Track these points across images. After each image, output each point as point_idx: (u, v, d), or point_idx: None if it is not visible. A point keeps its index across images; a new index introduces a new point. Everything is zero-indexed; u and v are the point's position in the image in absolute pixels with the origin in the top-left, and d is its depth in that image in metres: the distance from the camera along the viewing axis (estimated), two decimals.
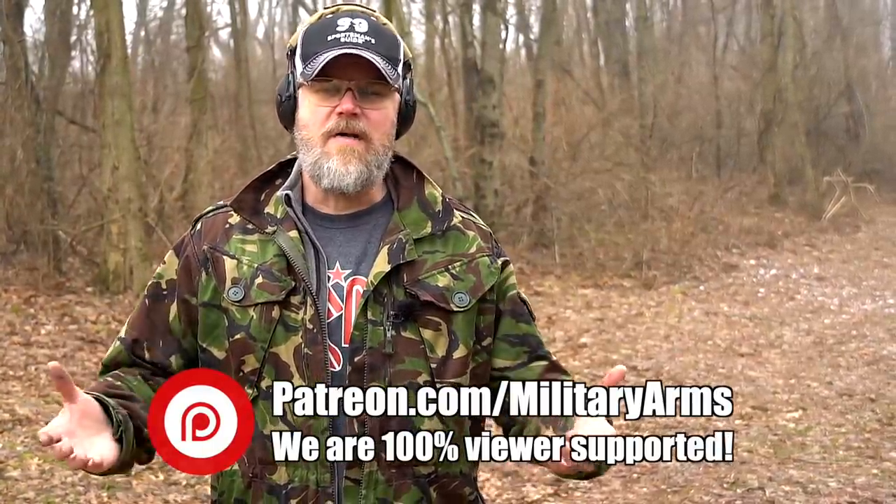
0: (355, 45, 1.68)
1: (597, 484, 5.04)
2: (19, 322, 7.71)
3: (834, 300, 10.54)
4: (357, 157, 1.71)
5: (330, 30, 1.71)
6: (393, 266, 1.71)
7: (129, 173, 8.63)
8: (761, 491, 4.94)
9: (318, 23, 1.75)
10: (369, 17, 1.75)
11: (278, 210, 1.77)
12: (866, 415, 6.30)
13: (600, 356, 7.85)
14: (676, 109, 19.12)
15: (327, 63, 1.67)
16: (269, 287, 1.72)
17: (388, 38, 1.73)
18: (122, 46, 8.80)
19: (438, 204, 1.80)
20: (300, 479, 1.69)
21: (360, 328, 1.70)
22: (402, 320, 1.71)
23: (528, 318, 1.84)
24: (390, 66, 1.70)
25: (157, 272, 1.85)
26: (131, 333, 1.83)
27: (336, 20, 1.72)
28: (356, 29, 1.70)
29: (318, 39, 1.71)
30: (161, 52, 17.00)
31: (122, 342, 1.83)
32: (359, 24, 1.71)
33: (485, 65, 12.23)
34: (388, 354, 1.69)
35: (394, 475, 1.70)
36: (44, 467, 5.00)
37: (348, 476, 1.69)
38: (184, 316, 1.79)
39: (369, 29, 1.71)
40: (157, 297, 1.83)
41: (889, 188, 20.98)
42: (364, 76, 1.70)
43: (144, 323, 1.83)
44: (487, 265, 1.79)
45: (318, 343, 1.69)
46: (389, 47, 1.72)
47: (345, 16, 1.73)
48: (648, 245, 12.02)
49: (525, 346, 1.82)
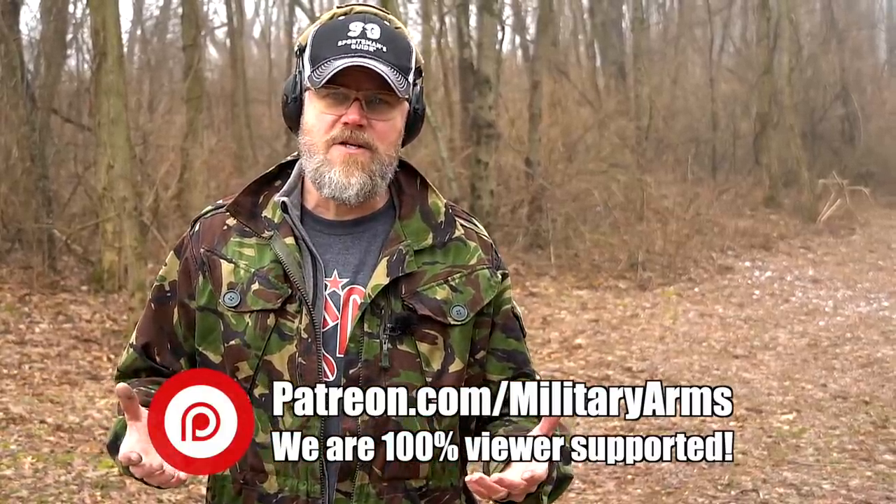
0: (366, 54, 1.64)
1: (591, 486, 5.05)
2: (13, 320, 7.69)
3: (828, 302, 10.55)
4: (360, 167, 1.67)
5: (341, 34, 1.67)
6: (391, 279, 1.69)
7: (125, 172, 8.60)
8: (755, 493, 4.95)
9: (329, 24, 1.71)
10: (382, 21, 1.70)
11: (276, 215, 1.74)
12: (860, 417, 6.31)
13: (595, 357, 7.85)
14: (672, 111, 19.16)
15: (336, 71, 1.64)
16: (265, 294, 1.69)
17: (400, 46, 1.69)
18: (117, 45, 8.77)
19: (441, 215, 1.77)
20: (291, 489, 1.68)
21: (355, 340, 1.67)
22: (398, 333, 1.69)
23: (519, 333, 1.82)
24: (400, 76, 1.66)
25: (160, 274, 1.83)
26: (141, 339, 1.81)
27: (348, 24, 1.68)
28: (368, 35, 1.66)
29: (328, 43, 1.67)
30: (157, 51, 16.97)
31: (135, 349, 1.81)
32: (371, 30, 1.67)
33: (481, 65, 12.22)
34: (385, 368, 1.67)
35: (385, 488, 1.68)
36: (37, 466, 4.99)
37: (339, 489, 1.67)
38: (184, 320, 1.78)
39: (381, 35, 1.67)
40: (161, 301, 1.81)
41: (884, 191, 21.02)
42: (372, 86, 1.66)
43: (152, 327, 1.81)
44: (487, 278, 1.76)
45: (313, 353, 1.67)
46: (400, 56, 1.68)
47: (357, 19, 1.69)
48: (644, 246, 12.02)
49: (511, 362, 1.80)
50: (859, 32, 26.43)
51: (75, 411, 5.92)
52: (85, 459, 5.10)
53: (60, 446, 5.31)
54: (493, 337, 1.78)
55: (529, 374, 1.81)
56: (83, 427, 5.63)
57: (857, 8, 28.71)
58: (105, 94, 8.58)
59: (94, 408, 5.99)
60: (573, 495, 4.93)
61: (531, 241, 12.34)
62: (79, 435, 5.49)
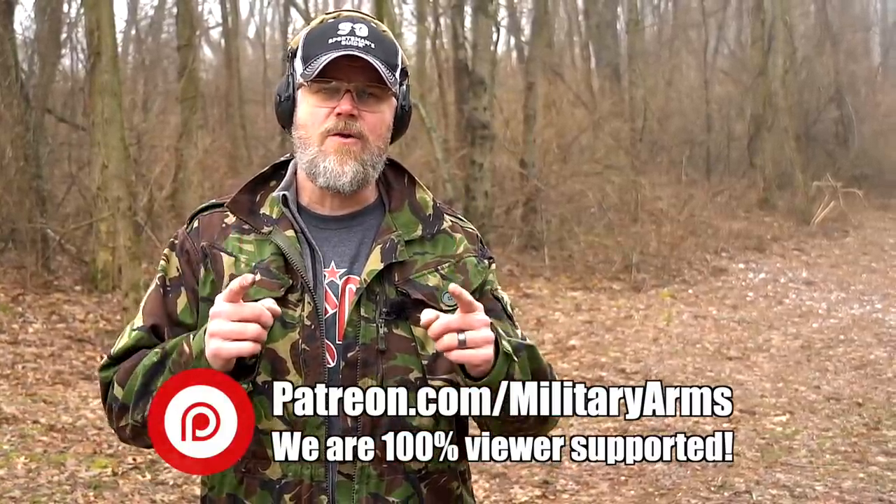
0: (356, 48, 1.73)
1: (584, 486, 5.05)
2: (7, 320, 7.68)
3: (822, 304, 10.57)
4: (353, 156, 1.75)
5: (331, 33, 1.75)
6: (385, 265, 1.75)
7: (119, 172, 8.59)
8: (748, 494, 4.95)
9: (319, 27, 1.79)
10: (370, 23, 1.79)
11: (274, 210, 1.80)
12: (853, 419, 6.32)
13: (589, 359, 7.86)
14: (667, 113, 19.17)
15: (327, 65, 1.71)
16: (268, 284, 1.73)
17: (387, 45, 1.77)
18: (112, 45, 8.76)
19: (429, 208, 1.85)
20: (294, 474, 1.71)
21: (353, 324, 1.73)
22: (393, 318, 1.74)
23: (501, 313, 1.85)
24: (389, 71, 1.75)
25: (161, 266, 1.85)
26: (149, 321, 1.81)
27: (338, 24, 1.77)
28: (357, 33, 1.75)
29: (319, 42, 1.75)
30: (152, 51, 16.94)
31: (143, 329, 1.80)
32: (359, 28, 1.76)
33: (476, 66, 12.23)
34: (381, 351, 1.72)
35: (385, 470, 1.73)
36: (30, 466, 4.98)
37: (341, 471, 1.71)
38: (193, 305, 1.79)
39: (370, 34, 1.76)
40: (165, 292, 1.82)
41: (878, 193, 21.07)
42: (363, 78, 1.74)
43: (161, 310, 1.81)
44: (475, 264, 1.83)
45: (316, 339, 1.71)
46: (388, 53, 1.76)
47: (346, 21, 1.77)
48: (638, 248, 12.04)
49: None
50: (854, 35, 26.48)
51: (68, 411, 5.91)
52: (78, 460, 5.09)
53: (53, 446, 5.29)
54: None
55: None
56: (76, 427, 5.62)
57: (851, 10, 28.77)
58: (99, 93, 8.57)
59: (88, 408, 5.98)
60: (566, 496, 4.94)
61: (525, 242, 12.35)
62: (72, 435, 5.48)
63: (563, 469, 5.26)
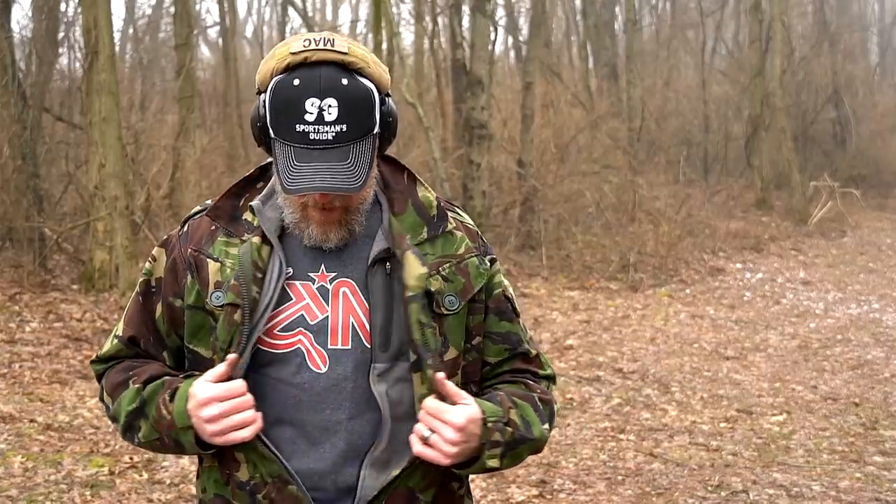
0: (327, 144, 1.59)
1: (581, 486, 5.05)
2: (4, 319, 7.67)
3: (819, 304, 10.58)
4: (338, 224, 1.70)
5: (298, 115, 1.60)
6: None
7: (116, 171, 8.59)
8: (745, 494, 4.95)
9: (284, 88, 1.62)
10: (338, 81, 1.61)
11: (255, 219, 1.76)
12: (850, 419, 6.33)
13: (586, 358, 7.86)
14: (664, 113, 19.19)
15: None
16: (237, 290, 1.71)
17: (359, 108, 1.62)
18: (109, 44, 8.76)
19: (433, 208, 1.79)
20: (260, 476, 1.72)
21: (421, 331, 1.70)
22: None
23: (511, 315, 1.86)
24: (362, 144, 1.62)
25: (147, 268, 1.86)
26: (128, 332, 1.85)
27: (304, 100, 1.60)
28: (325, 119, 1.59)
29: (286, 120, 1.61)
30: (149, 50, 16.95)
31: (120, 340, 1.85)
32: (327, 109, 1.59)
33: (473, 66, 12.22)
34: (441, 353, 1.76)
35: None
36: (27, 465, 4.97)
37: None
38: (167, 317, 1.80)
39: (339, 112, 1.59)
40: (147, 295, 1.84)
41: (875, 193, 21.09)
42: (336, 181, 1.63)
43: (138, 319, 1.84)
44: (476, 266, 1.79)
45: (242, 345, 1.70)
46: (362, 119, 1.62)
47: (312, 94, 1.60)
48: (635, 248, 12.04)
49: (506, 343, 1.85)
50: (851, 35, 26.51)
51: (65, 410, 5.90)
52: (75, 459, 5.08)
53: (50, 445, 5.29)
54: (487, 321, 1.82)
55: (525, 353, 1.87)
56: (73, 426, 5.61)
57: (849, 11, 28.80)
58: (97, 92, 8.57)
59: (85, 407, 5.98)
60: (563, 496, 4.93)
61: (523, 241, 12.35)
62: (69, 434, 5.48)
63: (560, 469, 5.26)
